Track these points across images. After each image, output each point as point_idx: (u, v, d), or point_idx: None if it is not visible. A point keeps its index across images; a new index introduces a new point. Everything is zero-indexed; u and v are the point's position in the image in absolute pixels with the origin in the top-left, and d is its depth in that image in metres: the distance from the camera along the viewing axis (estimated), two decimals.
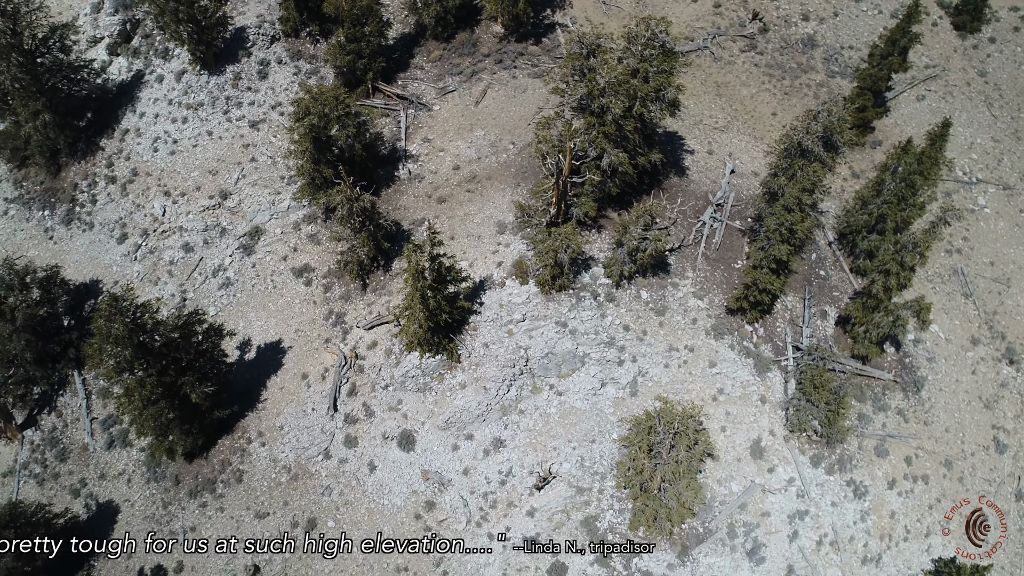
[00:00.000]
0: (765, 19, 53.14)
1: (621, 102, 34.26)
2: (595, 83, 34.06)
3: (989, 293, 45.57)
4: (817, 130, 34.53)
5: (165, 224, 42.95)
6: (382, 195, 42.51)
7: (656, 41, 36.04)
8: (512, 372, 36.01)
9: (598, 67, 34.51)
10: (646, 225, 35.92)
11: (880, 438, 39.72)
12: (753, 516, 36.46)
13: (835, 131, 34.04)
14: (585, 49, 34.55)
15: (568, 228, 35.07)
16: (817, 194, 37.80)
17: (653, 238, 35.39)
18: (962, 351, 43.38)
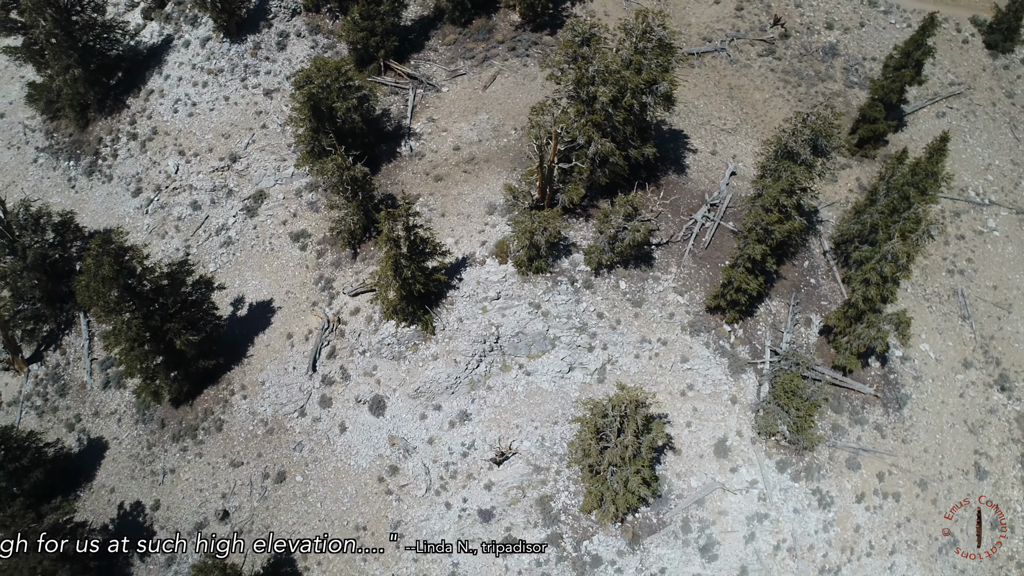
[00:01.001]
0: (787, 25, 52.68)
1: (609, 91, 34.70)
2: (584, 71, 34.59)
3: (988, 317, 44.48)
4: (805, 133, 34.38)
5: (177, 182, 45.05)
6: (382, 169, 43.78)
7: (652, 35, 36.32)
8: (483, 348, 36.83)
9: (590, 55, 35.03)
10: (627, 215, 36.29)
11: (853, 451, 39.26)
12: (710, 513, 36.54)
13: (821, 134, 33.82)
14: (579, 37, 35.09)
15: (549, 212, 35.70)
16: (805, 198, 37.71)
17: (632, 228, 35.74)
18: (952, 373, 42.48)
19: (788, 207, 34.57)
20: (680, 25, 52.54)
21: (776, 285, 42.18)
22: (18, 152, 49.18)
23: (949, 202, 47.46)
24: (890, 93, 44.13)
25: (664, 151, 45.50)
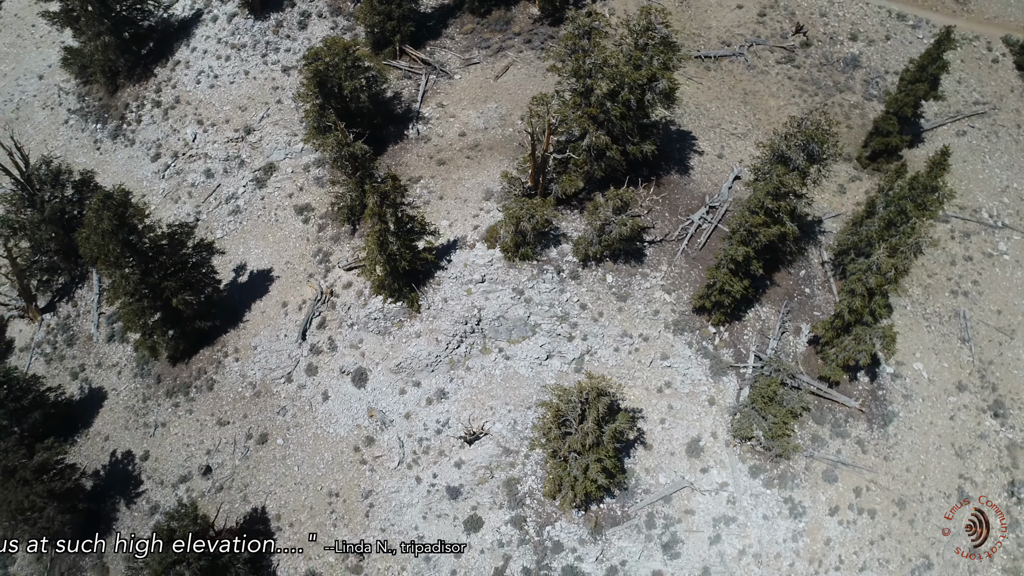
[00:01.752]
0: (809, 34, 52.12)
1: (605, 84, 35.06)
2: (581, 63, 35.02)
3: (989, 342, 43.44)
4: (798, 138, 34.22)
5: (194, 150, 46.81)
6: (388, 150, 44.85)
7: (655, 32, 36.54)
8: (464, 329, 37.53)
9: (589, 48, 35.44)
10: (617, 208, 36.59)
11: (832, 463, 38.84)
12: (677, 511, 36.60)
13: (814, 140, 33.61)
14: (579, 30, 35.53)
15: (539, 200, 36.23)
16: (799, 204, 37.50)
17: (619, 222, 36.04)
18: (944, 394, 41.64)
19: (775, 211, 34.45)
20: (700, 28, 52.48)
21: (769, 292, 41.93)
22: (51, 112, 51.66)
23: (960, 222, 46.47)
24: (904, 107, 43.45)
25: (669, 151, 45.58)
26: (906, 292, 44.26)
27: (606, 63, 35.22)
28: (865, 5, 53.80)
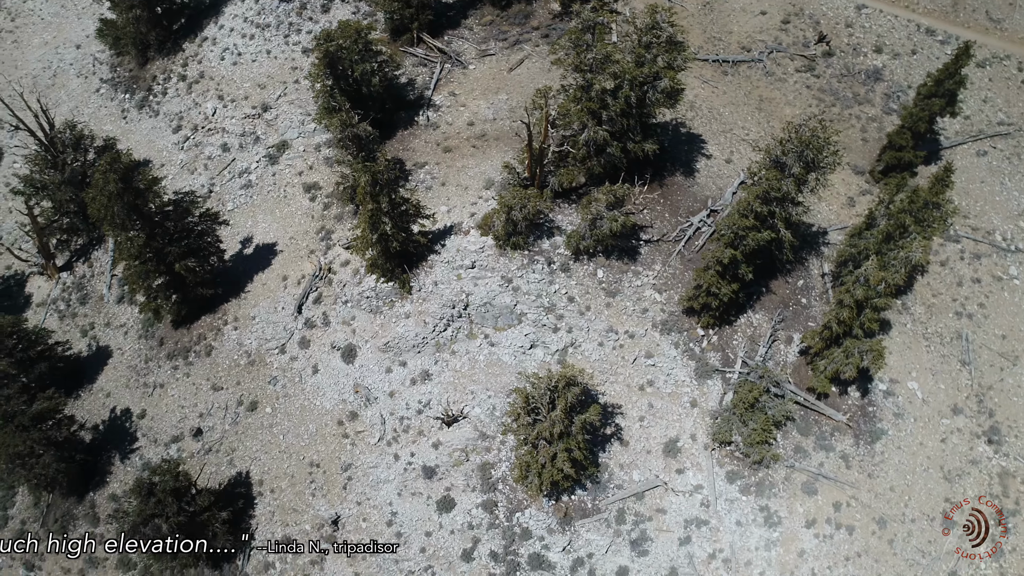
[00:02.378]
0: (832, 43, 51.41)
1: (605, 79, 35.27)
2: (583, 58, 35.30)
3: (991, 367, 42.41)
4: (793, 144, 33.95)
5: (212, 124, 48.33)
6: (397, 135, 45.68)
7: (660, 31, 36.60)
8: (452, 313, 38.12)
9: (592, 43, 35.70)
10: (610, 204, 36.78)
11: (813, 475, 38.42)
12: (648, 509, 36.65)
13: (809, 147, 33.29)
14: (584, 24, 35.81)
15: (532, 191, 36.62)
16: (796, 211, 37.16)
17: (611, 217, 36.22)
18: (938, 416, 40.81)
19: (765, 215, 34.27)
20: (721, 32, 52.19)
21: (763, 299, 41.63)
22: (85, 81, 53.80)
23: (971, 243, 45.42)
24: (919, 122, 42.64)
25: (676, 152, 45.53)
26: (908, 310, 43.49)
27: (608, 58, 35.40)
28: (894, 18, 52.86)
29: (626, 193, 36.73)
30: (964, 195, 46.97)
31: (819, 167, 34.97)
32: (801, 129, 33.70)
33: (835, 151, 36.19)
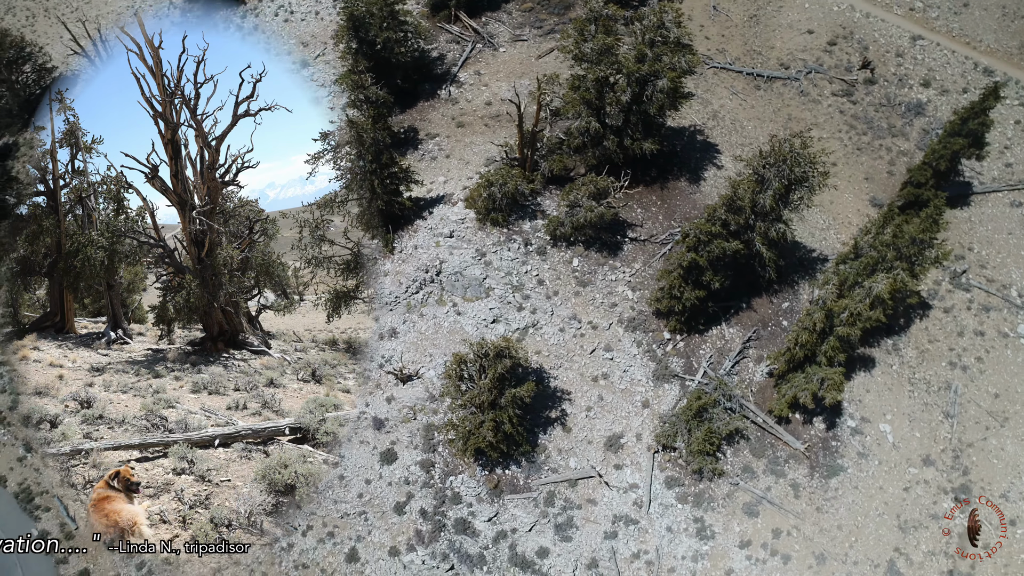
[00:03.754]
0: (877, 71, 49.70)
1: (600, 70, 35.81)
2: (581, 47, 35.95)
3: (976, 423, 40.30)
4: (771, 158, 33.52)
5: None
6: (417, 106, 47.51)
7: (667, 32, 36.75)
8: (425, 277, 39.61)
9: (594, 33, 36.29)
10: (592, 194, 37.30)
11: (757, 498, 37.79)
12: (579, 498, 37.06)
13: (786, 161, 32.77)
14: (589, 15, 36.43)
15: (517, 171, 37.59)
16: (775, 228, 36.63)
17: (587, 207, 36.76)
18: (905, 464, 39.20)
19: (739, 226, 34.06)
20: (762, 46, 51.34)
21: (742, 315, 41.10)
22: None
23: (983, 294, 43.19)
24: (939, 159, 40.93)
25: (687, 158, 45.39)
26: (898, 351, 41.87)
27: (607, 50, 35.89)
28: (950, 53, 50.55)
29: (608, 185, 37.12)
30: (986, 244, 44.67)
31: (803, 184, 34.40)
32: (783, 144, 33.25)
33: (824, 172, 35.57)
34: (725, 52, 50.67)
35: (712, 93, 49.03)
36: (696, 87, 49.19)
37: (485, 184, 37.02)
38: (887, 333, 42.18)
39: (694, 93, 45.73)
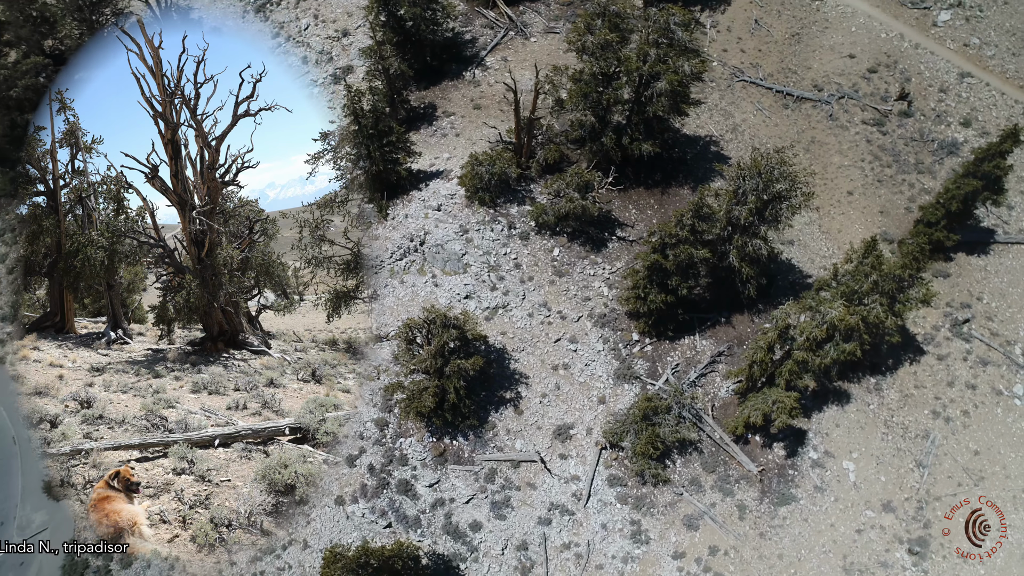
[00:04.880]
0: (915, 104, 47.78)
1: (600, 64, 36.18)
2: (583, 40, 36.41)
3: (949, 478, 38.52)
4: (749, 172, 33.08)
5: (301, 37, 54.17)
6: (441, 84, 48.88)
7: (673, 36, 36.73)
8: (409, 246, 40.95)
9: (599, 28, 36.69)
10: (577, 186, 37.74)
11: (699, 512, 37.42)
12: (520, 480, 37.63)
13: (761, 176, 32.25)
14: (596, 9, 36.82)
15: (508, 155, 38.40)
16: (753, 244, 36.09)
17: (568, 198, 37.22)
18: (863, 506, 37.92)
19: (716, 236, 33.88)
20: (798, 65, 50.17)
21: (719, 329, 40.62)
22: None
23: (983, 346, 41.14)
24: (951, 199, 39.24)
25: (695, 167, 45.05)
26: (879, 391, 40.45)
27: (607, 45, 36.21)
28: (999, 95, 48.09)
29: (592, 179, 37.46)
30: (998, 296, 42.48)
31: (782, 201, 33.86)
32: (763, 158, 32.85)
33: (808, 192, 34.89)
34: (759, 67, 49.82)
35: (736, 106, 48.35)
36: (720, 98, 48.68)
37: (473, 163, 37.98)
38: (872, 371, 40.85)
39: (703, 100, 45.29)
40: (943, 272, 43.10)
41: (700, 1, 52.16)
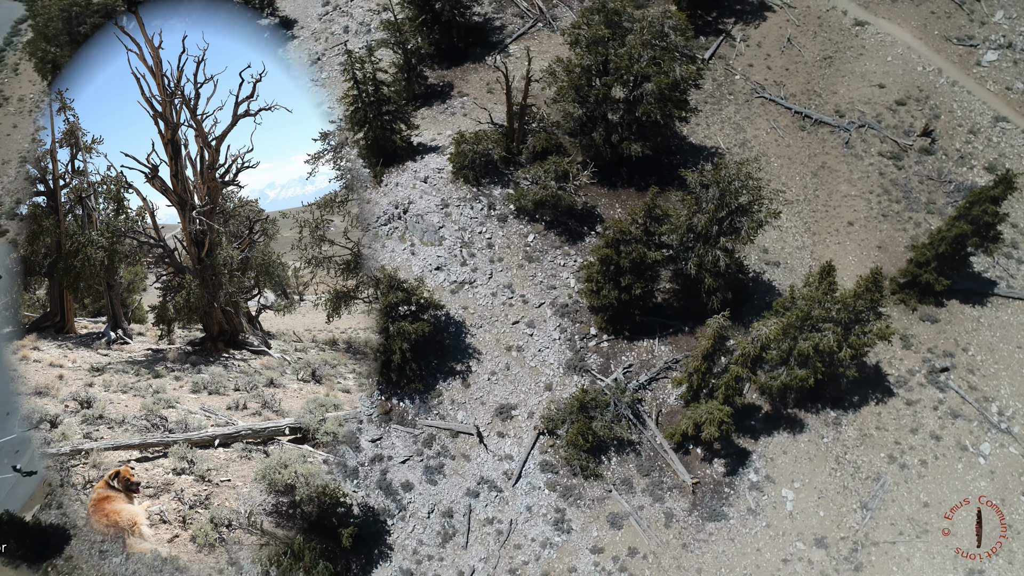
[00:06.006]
0: (939, 143, 45.87)
1: (590, 58, 36.80)
2: (576, 33, 37.09)
3: (891, 525, 37.23)
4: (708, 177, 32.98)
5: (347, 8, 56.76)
6: (463, 65, 50.38)
7: (668, 40, 36.88)
8: (394, 212, 42.68)
9: (595, 24, 37.28)
10: (555, 174, 38.50)
11: (625, 513, 37.65)
12: (456, 450, 38.81)
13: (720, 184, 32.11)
14: (595, 4, 37.41)
15: (496, 136, 39.52)
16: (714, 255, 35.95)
17: (543, 184, 38.03)
18: (794, 537, 37.18)
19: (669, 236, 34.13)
20: (824, 89, 48.96)
21: (681, 338, 40.52)
22: None
23: (958, 399, 39.43)
24: (941, 241, 37.81)
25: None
26: (837, 426, 39.46)
27: (599, 41, 36.74)
28: None
29: (569, 170, 38.12)
30: (986, 350, 40.58)
31: (743, 214, 33.68)
32: (724, 167, 32.80)
33: (775, 211, 34.57)
34: (782, 85, 48.94)
35: (750, 122, 47.74)
36: (735, 112, 48.15)
37: (459, 140, 39.28)
38: (834, 405, 39.92)
39: (699, 109, 45.01)
40: (931, 316, 41.47)
41: (734, 13, 51.60)
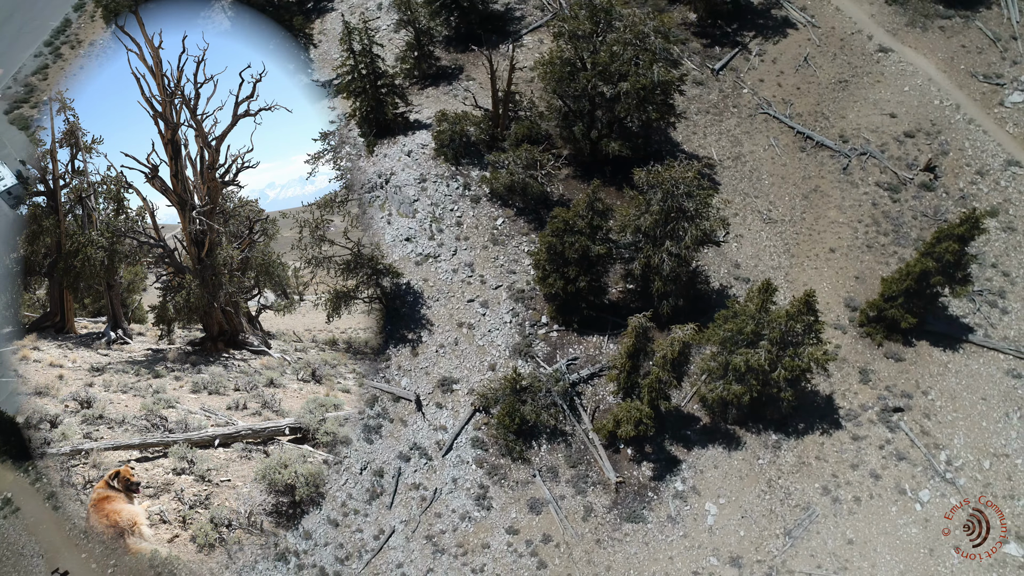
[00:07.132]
0: (942, 180, 44.15)
1: (569, 51, 37.47)
2: (561, 28, 37.81)
3: (811, 557, 36.39)
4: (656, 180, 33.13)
5: None
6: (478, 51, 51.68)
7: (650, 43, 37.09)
8: (377, 182, 44.45)
9: (581, 19, 37.92)
10: (526, 161, 39.37)
11: (546, 500, 38.25)
12: (396, 414, 40.24)
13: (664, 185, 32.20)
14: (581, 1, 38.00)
15: (478, 119, 40.69)
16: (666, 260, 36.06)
17: (510, 170, 38.96)
18: (709, 551, 36.90)
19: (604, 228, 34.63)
20: (832, 113, 47.78)
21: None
22: None
23: (907, 440, 38.14)
24: (908, 279, 36.64)
25: None
26: (776, 450, 38.88)
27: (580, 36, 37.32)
28: None
29: (539, 159, 38.91)
30: (947, 397, 39.08)
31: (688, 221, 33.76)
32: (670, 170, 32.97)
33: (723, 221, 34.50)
34: (790, 104, 48.08)
35: (749, 136, 47.17)
36: (736, 125, 47.65)
37: (440, 117, 40.59)
38: (776, 428, 39.32)
39: (684, 115, 44.74)
40: (896, 354, 40.19)
41: (755, 27, 50.93)
